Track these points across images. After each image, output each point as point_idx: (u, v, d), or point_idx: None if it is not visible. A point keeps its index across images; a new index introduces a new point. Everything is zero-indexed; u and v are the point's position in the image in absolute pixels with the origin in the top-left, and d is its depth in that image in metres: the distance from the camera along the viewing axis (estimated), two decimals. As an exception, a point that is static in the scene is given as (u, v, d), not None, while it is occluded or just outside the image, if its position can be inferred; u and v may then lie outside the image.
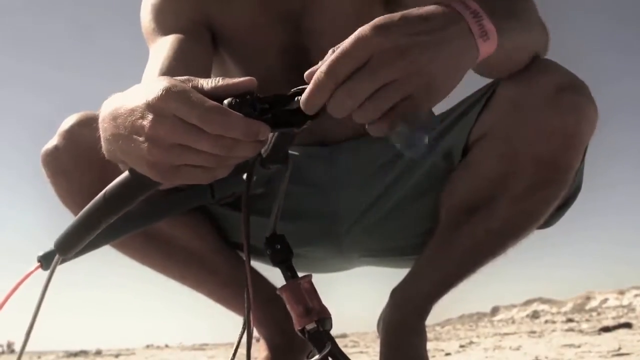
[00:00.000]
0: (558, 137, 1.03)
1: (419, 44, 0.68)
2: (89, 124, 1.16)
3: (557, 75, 1.02)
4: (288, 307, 0.80)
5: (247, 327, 0.86)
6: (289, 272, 0.82)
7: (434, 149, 0.79)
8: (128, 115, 0.69)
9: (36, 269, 1.00)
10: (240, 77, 1.24)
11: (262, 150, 0.78)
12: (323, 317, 0.79)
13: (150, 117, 0.66)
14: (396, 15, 0.70)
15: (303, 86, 0.71)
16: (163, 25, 1.20)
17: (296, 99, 0.71)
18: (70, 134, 1.14)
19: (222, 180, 1.21)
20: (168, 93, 0.66)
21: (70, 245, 0.85)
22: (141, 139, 0.67)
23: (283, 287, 0.81)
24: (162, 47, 1.16)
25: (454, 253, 1.17)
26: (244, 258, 0.86)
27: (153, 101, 0.67)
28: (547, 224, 1.21)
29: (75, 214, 1.19)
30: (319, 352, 0.77)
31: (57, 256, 0.86)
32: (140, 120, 0.67)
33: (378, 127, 0.70)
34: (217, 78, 0.70)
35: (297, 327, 0.79)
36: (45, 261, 1.00)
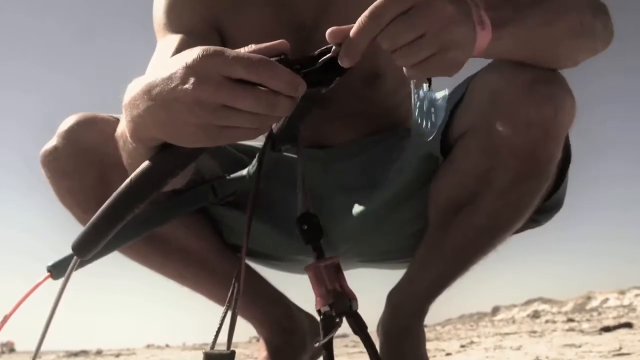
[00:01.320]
0: (536, 129, 1.03)
1: (455, 2, 0.75)
2: (88, 125, 1.16)
3: (532, 68, 1.02)
4: (312, 288, 0.81)
5: (234, 305, 0.87)
6: (316, 252, 0.82)
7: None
8: (166, 83, 0.69)
9: (46, 279, 0.99)
10: None
11: (274, 128, 0.78)
12: (341, 299, 0.78)
13: (192, 79, 0.67)
14: None
15: (328, 46, 0.75)
16: (174, 22, 1.20)
17: (323, 59, 0.75)
18: (70, 134, 1.14)
19: (223, 180, 1.21)
20: (209, 52, 0.67)
21: (91, 244, 0.83)
22: (183, 104, 0.68)
23: (308, 266, 0.82)
24: (170, 45, 1.16)
25: (445, 252, 1.18)
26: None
27: (194, 63, 0.67)
28: (537, 222, 1.22)
29: (76, 214, 1.19)
30: (326, 333, 0.77)
31: (74, 259, 0.84)
32: (181, 85, 0.68)
33: (410, 73, 0.76)
34: (250, 45, 0.72)
35: (316, 308, 0.80)
36: (55, 271, 0.99)
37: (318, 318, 0.82)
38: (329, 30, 0.75)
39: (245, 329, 1.38)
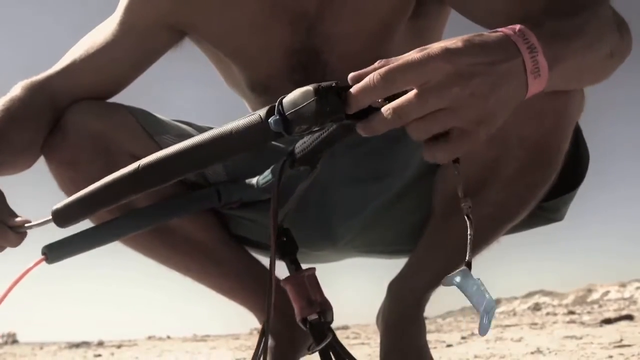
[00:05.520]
0: (546, 119, 1.03)
1: (480, 75, 0.66)
2: (93, 112, 1.15)
3: None
4: (291, 298, 0.81)
5: (265, 331, 0.87)
6: (293, 265, 0.83)
7: None
8: None
9: (39, 262, 0.99)
10: (242, 77, 1.24)
11: (297, 151, 0.77)
12: (325, 308, 0.80)
13: None
14: (460, 41, 0.67)
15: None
16: (129, 11, 1.20)
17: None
18: (74, 123, 1.13)
19: (229, 185, 1.22)
20: None
21: (72, 217, 0.85)
22: None
23: (287, 278, 0.82)
24: (101, 35, 1.20)
25: (449, 242, 1.17)
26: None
27: None
28: (553, 219, 1.22)
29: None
30: (319, 342, 0.78)
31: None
32: None
33: (429, 150, 0.69)
34: None
35: (298, 318, 0.80)
36: (51, 253, 0.99)
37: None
38: (351, 75, 0.68)
39: (247, 320, 1.38)
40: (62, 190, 1.17)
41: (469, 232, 0.71)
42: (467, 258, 0.73)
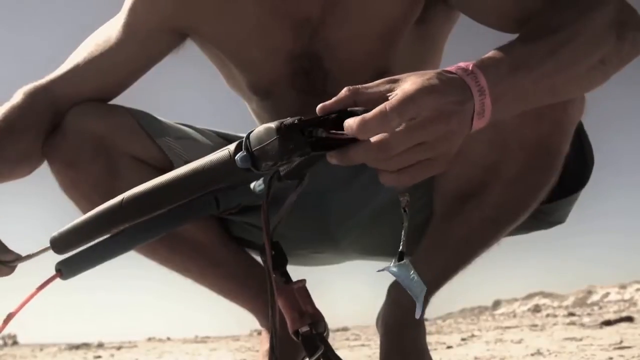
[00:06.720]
0: (545, 121, 1.03)
1: (457, 113, 0.70)
2: (94, 113, 1.16)
3: None
4: (283, 311, 0.81)
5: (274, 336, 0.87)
6: (284, 278, 0.83)
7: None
8: None
9: (53, 278, 0.99)
10: (244, 80, 1.24)
11: (281, 169, 0.77)
12: (316, 320, 0.80)
13: None
14: (435, 77, 0.70)
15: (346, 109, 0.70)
16: (132, 16, 1.20)
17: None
18: (74, 124, 1.13)
19: (226, 191, 1.22)
20: None
21: (69, 245, 0.86)
22: None
23: (277, 291, 0.82)
24: (104, 38, 1.20)
25: (449, 244, 1.18)
26: (260, 263, 0.86)
27: None
28: (551, 223, 1.22)
29: (82, 207, 1.20)
30: (311, 354, 0.78)
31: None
32: None
33: (392, 177, 0.73)
34: None
35: (290, 330, 0.80)
36: (65, 268, 0.99)
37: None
38: (319, 107, 0.71)
39: (247, 322, 1.38)
40: (63, 190, 1.17)
41: (404, 224, 0.76)
42: (400, 248, 0.76)
